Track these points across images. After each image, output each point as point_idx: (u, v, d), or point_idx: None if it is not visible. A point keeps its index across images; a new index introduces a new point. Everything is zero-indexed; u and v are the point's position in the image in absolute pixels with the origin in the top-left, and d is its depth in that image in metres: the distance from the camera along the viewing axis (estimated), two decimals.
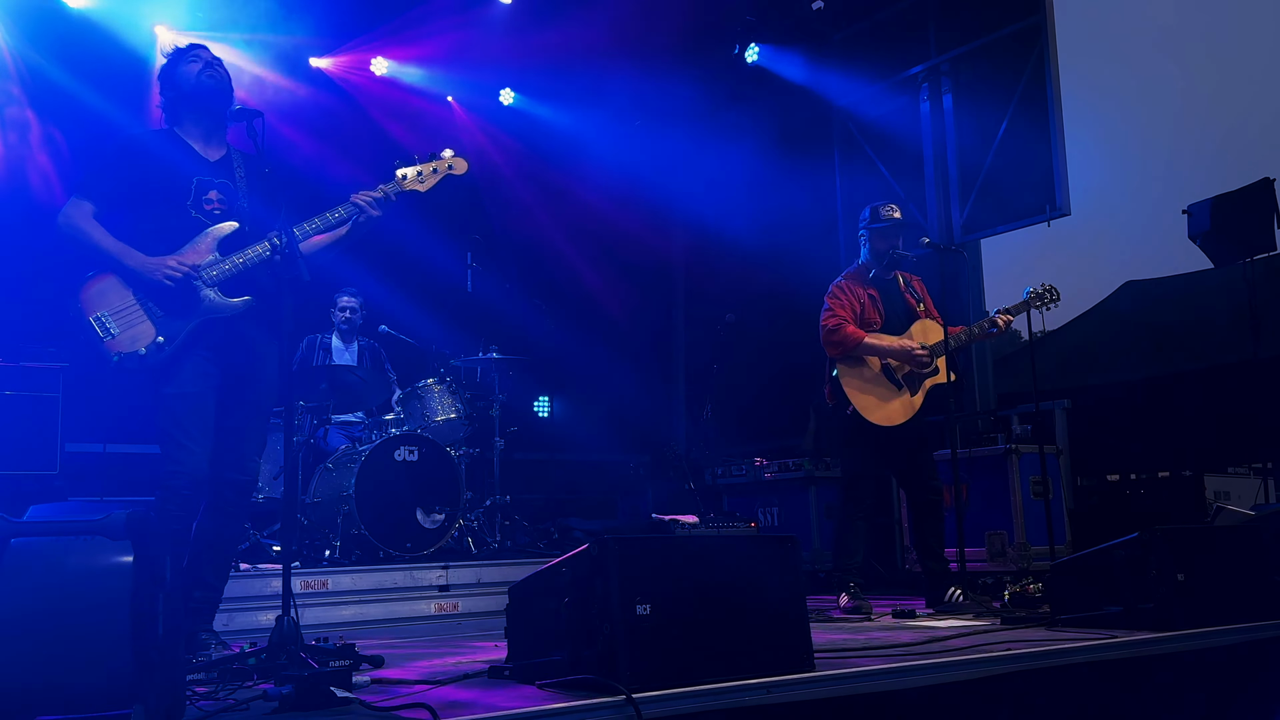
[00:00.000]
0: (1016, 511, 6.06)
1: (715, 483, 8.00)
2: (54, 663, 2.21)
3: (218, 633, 3.64)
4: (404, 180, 3.83)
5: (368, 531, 5.64)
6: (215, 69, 3.76)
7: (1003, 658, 3.25)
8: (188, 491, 3.49)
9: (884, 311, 5.25)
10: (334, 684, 2.62)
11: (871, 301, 5.25)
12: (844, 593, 5.15)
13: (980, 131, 7.88)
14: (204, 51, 3.80)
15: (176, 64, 3.77)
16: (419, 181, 3.85)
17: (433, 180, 3.87)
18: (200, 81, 3.71)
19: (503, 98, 9.47)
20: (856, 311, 5.21)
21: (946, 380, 5.21)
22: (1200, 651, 3.62)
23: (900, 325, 5.25)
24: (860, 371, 5.15)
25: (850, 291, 5.27)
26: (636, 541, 2.86)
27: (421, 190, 3.86)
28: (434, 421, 6.38)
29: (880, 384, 5.16)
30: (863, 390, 5.13)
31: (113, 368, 3.45)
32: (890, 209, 5.34)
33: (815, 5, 8.75)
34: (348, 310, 6.91)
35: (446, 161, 3.90)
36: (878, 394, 5.14)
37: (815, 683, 2.85)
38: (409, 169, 3.85)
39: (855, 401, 5.11)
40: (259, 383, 3.73)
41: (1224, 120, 32.04)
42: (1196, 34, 32.39)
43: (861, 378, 5.14)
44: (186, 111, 3.76)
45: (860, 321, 5.19)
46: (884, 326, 5.22)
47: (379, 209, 3.74)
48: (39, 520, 2.39)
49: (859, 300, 5.24)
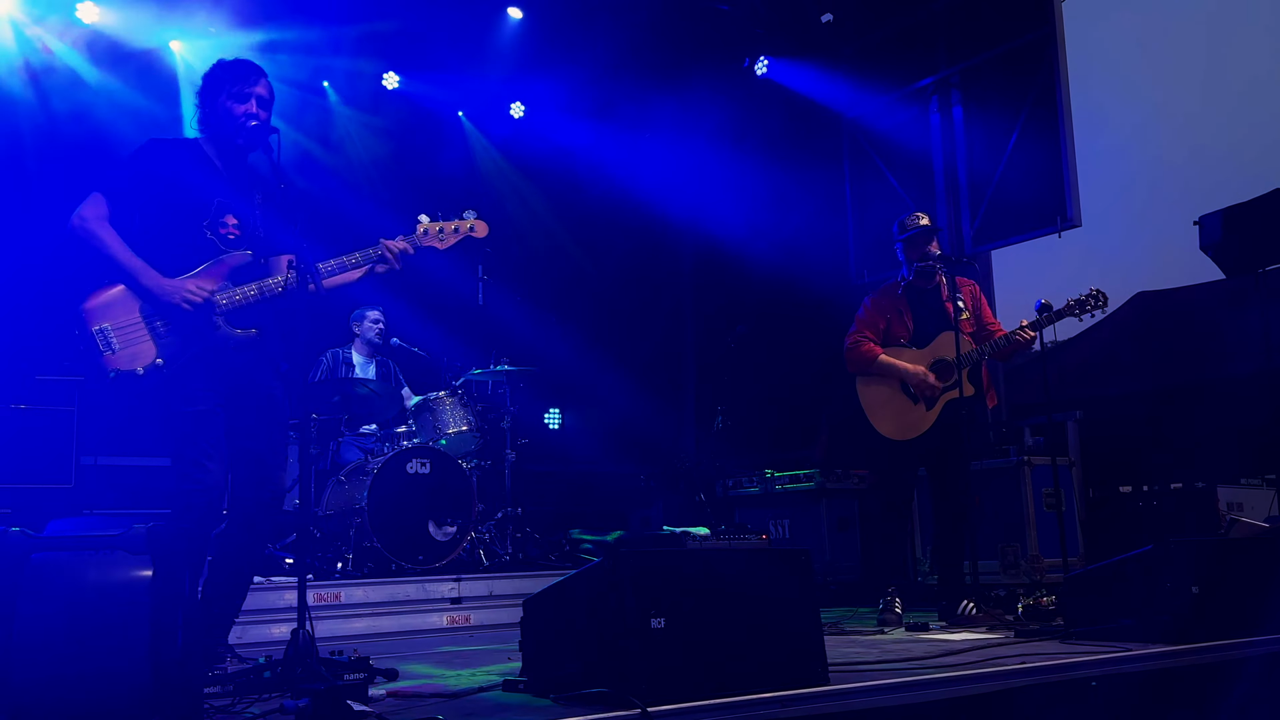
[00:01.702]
0: (1029, 524, 6.05)
1: (726, 495, 7.99)
2: (74, 676, 2.22)
3: (233, 646, 3.65)
4: (424, 236, 3.85)
5: (380, 544, 5.65)
6: (262, 113, 3.64)
7: (1017, 671, 3.25)
8: (205, 508, 3.46)
9: (913, 325, 5.30)
10: (350, 698, 2.63)
11: (899, 316, 5.32)
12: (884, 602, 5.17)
13: (990, 143, 7.88)
14: (260, 86, 3.66)
15: (220, 90, 3.64)
16: (439, 239, 3.87)
17: (452, 240, 3.90)
18: (242, 126, 3.61)
19: (513, 111, 9.51)
20: (881, 328, 5.31)
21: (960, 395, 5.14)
22: (1216, 665, 3.60)
23: (931, 337, 5.27)
24: (877, 387, 5.26)
25: (877, 307, 5.37)
26: (651, 555, 2.87)
27: (440, 248, 3.87)
28: (446, 434, 6.39)
29: (896, 399, 5.23)
30: (878, 405, 5.25)
31: (108, 384, 3.42)
32: (916, 217, 5.36)
33: (825, 18, 8.78)
34: (380, 323, 6.90)
35: (469, 223, 3.93)
36: (893, 408, 5.22)
37: (829, 697, 2.85)
38: (431, 224, 3.87)
39: (870, 415, 5.24)
40: (267, 402, 3.69)
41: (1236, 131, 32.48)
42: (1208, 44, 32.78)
43: (878, 393, 5.26)
44: (216, 135, 3.69)
45: (886, 336, 5.29)
46: (913, 338, 5.28)
47: (399, 263, 3.74)
48: (60, 535, 2.40)
49: (884, 317, 5.33)
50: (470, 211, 3.95)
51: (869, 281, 8.67)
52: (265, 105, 3.67)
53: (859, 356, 5.27)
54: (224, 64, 3.71)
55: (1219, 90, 9.33)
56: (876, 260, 8.69)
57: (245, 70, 3.68)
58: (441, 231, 3.87)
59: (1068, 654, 3.57)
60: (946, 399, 5.17)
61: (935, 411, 5.18)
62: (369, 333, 6.87)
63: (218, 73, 3.69)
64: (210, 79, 3.69)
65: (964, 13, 8.19)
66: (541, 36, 8.62)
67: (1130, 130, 9.30)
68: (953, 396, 5.15)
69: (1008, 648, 3.89)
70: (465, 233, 3.92)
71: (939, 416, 5.17)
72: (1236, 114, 9.24)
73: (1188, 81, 9.48)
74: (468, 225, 3.92)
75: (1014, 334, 5.11)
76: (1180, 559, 3.81)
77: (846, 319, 5.84)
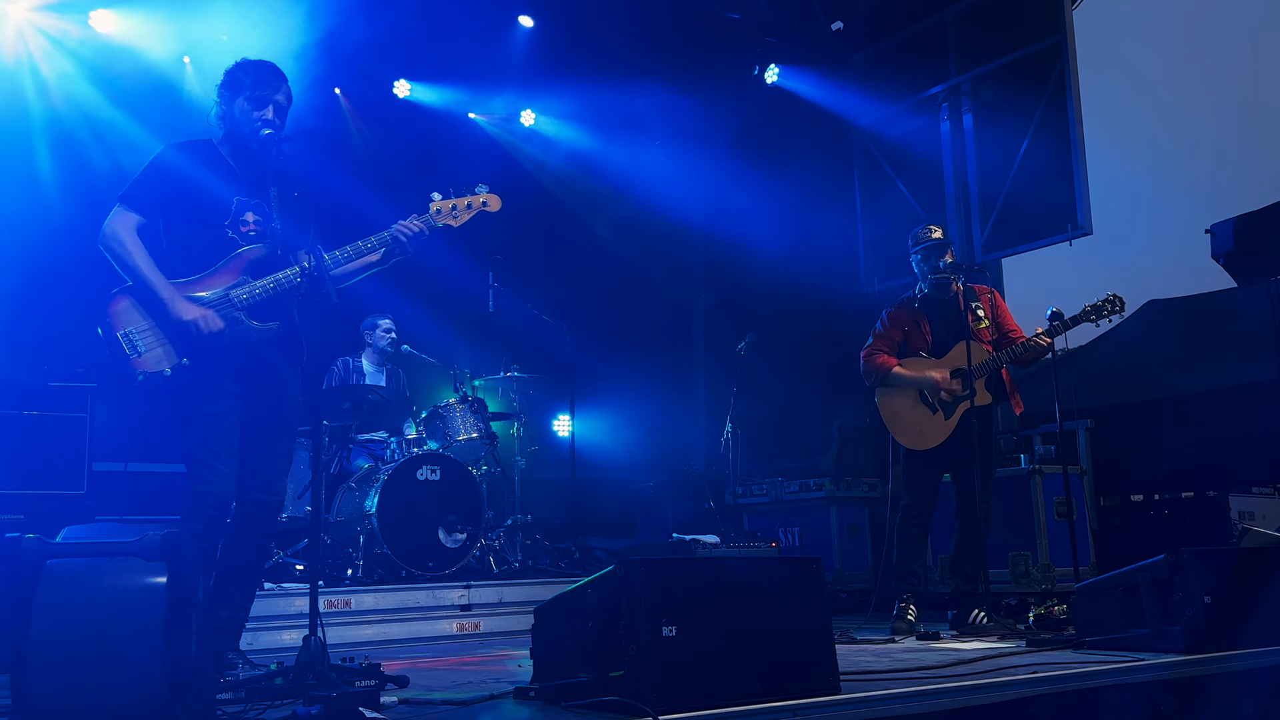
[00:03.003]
0: (1040, 532, 6.03)
1: (736, 502, 7.99)
2: (89, 682, 2.23)
3: (244, 652, 3.65)
4: (438, 214, 3.80)
5: (390, 550, 5.66)
6: (278, 120, 3.66)
7: (1029, 680, 3.24)
8: (214, 511, 3.49)
9: (931, 336, 5.35)
10: (362, 704, 2.63)
11: (916, 327, 5.38)
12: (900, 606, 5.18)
13: (1001, 150, 7.88)
14: (279, 93, 3.69)
15: (244, 88, 3.65)
16: (453, 216, 3.82)
17: (466, 215, 3.85)
18: (256, 133, 3.63)
19: (524, 119, 9.54)
20: (897, 340, 5.38)
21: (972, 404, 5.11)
22: (1229, 675, 3.59)
23: (949, 346, 5.30)
24: (896, 398, 5.33)
25: (892, 320, 5.44)
26: (662, 563, 2.87)
27: (455, 225, 3.83)
28: (456, 441, 6.40)
29: (915, 409, 5.27)
30: (897, 415, 5.31)
31: (137, 386, 3.45)
32: (929, 229, 5.42)
33: (835, 26, 8.81)
34: (392, 332, 6.89)
35: (481, 197, 3.88)
36: (911, 418, 5.27)
37: (841, 705, 2.84)
38: (443, 203, 3.82)
39: (890, 425, 5.32)
40: (283, 405, 3.73)
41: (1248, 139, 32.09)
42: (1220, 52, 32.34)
43: (897, 403, 5.32)
44: (231, 134, 3.71)
45: (905, 348, 5.36)
46: (932, 349, 5.34)
47: (414, 245, 3.72)
48: (74, 542, 2.41)
49: (901, 329, 5.40)
50: (482, 186, 3.89)
51: (879, 289, 8.67)
52: (281, 112, 3.69)
53: (874, 369, 5.34)
54: (247, 64, 3.72)
55: (1231, 98, 9.31)
56: (887, 268, 8.69)
57: (267, 74, 3.70)
58: (455, 208, 3.83)
59: (1080, 664, 3.56)
60: (964, 407, 5.16)
61: (954, 420, 5.18)
62: (381, 341, 6.87)
63: (238, 73, 3.70)
64: (231, 77, 3.70)
65: (974, 20, 8.19)
66: (553, 44, 8.65)
67: (1142, 138, 9.29)
68: (976, 404, 5.13)
69: (1019, 657, 3.88)
70: (479, 207, 3.87)
71: (958, 425, 5.17)
72: (1248, 122, 9.23)
73: (1199, 89, 9.47)
74: (480, 200, 3.87)
75: (1031, 341, 5.12)
76: (1192, 568, 3.79)
77: (857, 326, 5.88)
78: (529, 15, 8.53)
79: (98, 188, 7.12)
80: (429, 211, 3.81)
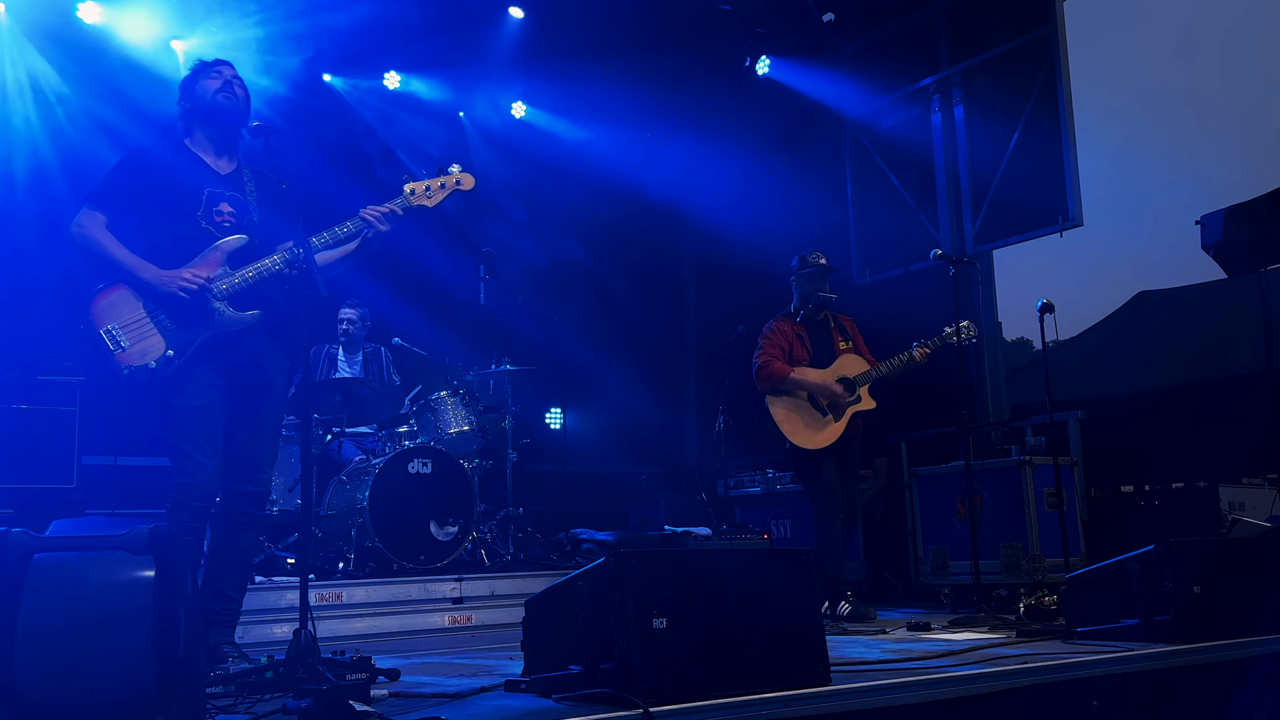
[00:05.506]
0: (1030, 523, 6.04)
1: (727, 494, 8.00)
2: (77, 677, 2.22)
3: (238, 644, 3.65)
4: (412, 196, 3.85)
5: (381, 544, 5.65)
6: (233, 88, 3.80)
7: (1019, 671, 3.25)
8: (198, 503, 3.52)
9: (811, 349, 5.84)
10: (352, 698, 2.63)
11: (800, 340, 5.85)
12: (843, 601, 5.41)
13: (992, 142, 7.88)
14: (226, 69, 3.85)
15: (197, 78, 3.82)
16: (427, 197, 3.87)
17: (440, 195, 3.89)
18: (215, 100, 3.77)
19: (514, 110, 9.51)
20: (785, 349, 5.80)
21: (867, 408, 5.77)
22: (1218, 665, 3.60)
23: (827, 360, 5.81)
24: (788, 402, 5.74)
25: (779, 332, 5.87)
26: (653, 555, 2.87)
27: (429, 205, 3.87)
28: (447, 434, 6.39)
29: (806, 412, 5.72)
30: (790, 418, 5.71)
31: (122, 381, 3.48)
32: (816, 255, 5.93)
33: (826, 17, 8.78)
34: (344, 323, 6.90)
35: (454, 177, 3.92)
36: (804, 420, 5.71)
37: (832, 696, 2.85)
38: (417, 184, 3.87)
39: (783, 428, 5.68)
40: (268, 395, 3.77)
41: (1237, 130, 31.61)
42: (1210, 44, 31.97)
43: (789, 407, 5.74)
44: (200, 125, 3.81)
45: (789, 358, 5.78)
46: (812, 361, 5.80)
47: (387, 224, 3.76)
48: (62, 535, 2.40)
49: (788, 340, 5.84)
50: (455, 165, 3.96)
51: (870, 281, 8.68)
52: (236, 81, 3.83)
53: (770, 374, 5.71)
54: (199, 60, 3.94)
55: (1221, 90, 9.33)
56: (878, 260, 8.70)
57: (215, 60, 3.91)
58: (429, 189, 3.88)
59: (1069, 654, 3.57)
60: (851, 410, 5.70)
61: (843, 423, 5.69)
62: (340, 328, 6.89)
63: (192, 69, 3.91)
64: (186, 78, 3.89)
65: (966, 12, 8.19)
66: (543, 36, 8.62)
67: (1132, 130, 9.30)
68: (858, 409, 5.73)
69: (1010, 647, 3.90)
70: (453, 187, 3.92)
71: (846, 427, 5.68)
72: (1239, 114, 9.24)
73: (1190, 81, 9.48)
74: (454, 180, 3.92)
75: (907, 356, 5.67)
76: (1182, 559, 3.81)
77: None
78: (519, 7, 8.50)
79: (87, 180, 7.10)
80: (403, 193, 3.85)
